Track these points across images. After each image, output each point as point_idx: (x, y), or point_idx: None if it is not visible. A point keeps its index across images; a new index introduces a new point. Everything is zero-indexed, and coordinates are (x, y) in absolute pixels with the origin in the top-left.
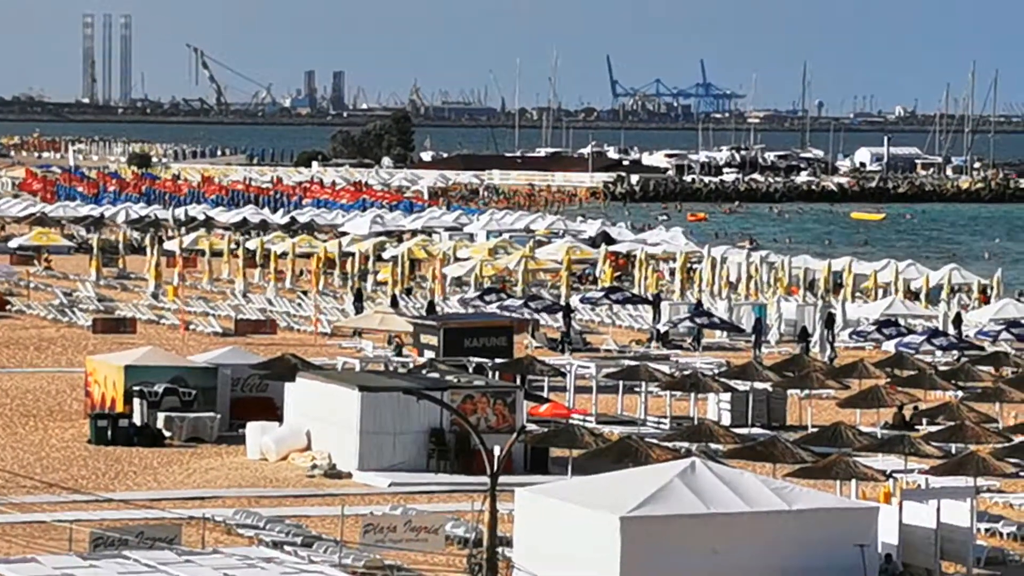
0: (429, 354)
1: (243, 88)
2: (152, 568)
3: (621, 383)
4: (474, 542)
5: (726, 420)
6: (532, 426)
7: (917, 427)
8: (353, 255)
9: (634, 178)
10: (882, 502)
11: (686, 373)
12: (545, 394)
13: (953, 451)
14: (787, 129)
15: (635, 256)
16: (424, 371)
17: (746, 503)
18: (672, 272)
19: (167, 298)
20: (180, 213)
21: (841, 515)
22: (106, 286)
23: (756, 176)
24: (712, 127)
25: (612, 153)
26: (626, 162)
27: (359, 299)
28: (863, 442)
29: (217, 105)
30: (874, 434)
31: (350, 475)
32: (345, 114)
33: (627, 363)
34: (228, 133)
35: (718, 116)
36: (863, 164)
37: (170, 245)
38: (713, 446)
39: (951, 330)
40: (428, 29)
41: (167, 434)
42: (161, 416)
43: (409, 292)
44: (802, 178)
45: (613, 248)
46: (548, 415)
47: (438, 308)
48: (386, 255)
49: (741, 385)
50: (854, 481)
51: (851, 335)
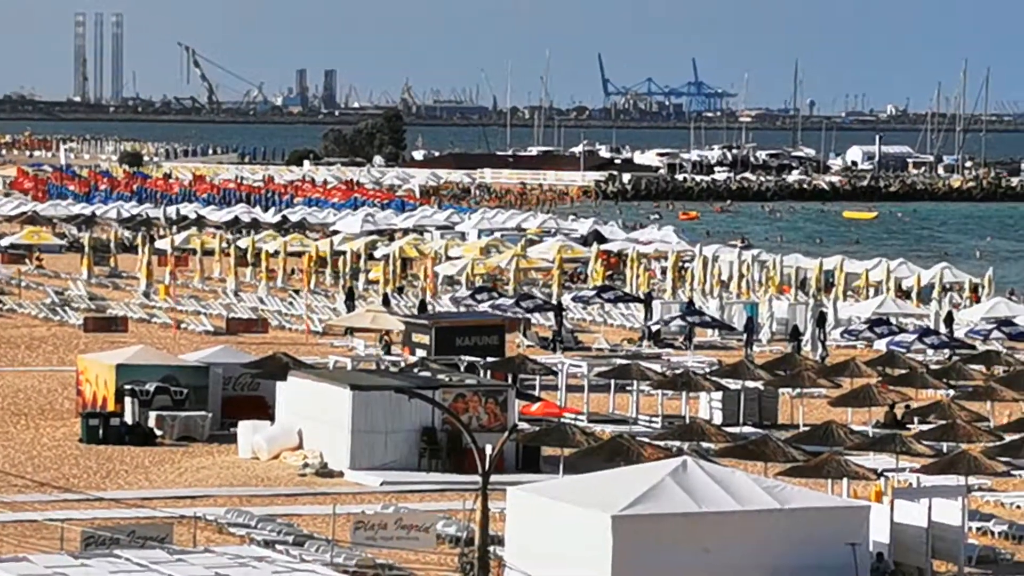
0: (421, 353)
1: (234, 87)
2: (143, 567)
3: (613, 382)
4: (466, 541)
5: (718, 419)
6: (524, 425)
7: (908, 426)
8: (344, 254)
9: (626, 177)
10: (873, 501)
11: (678, 372)
12: (537, 393)
13: (944, 450)
14: (779, 128)
15: (627, 255)
16: (416, 370)
17: (738, 502)
18: (664, 271)
19: (158, 297)
20: (171, 212)
21: (832, 514)
22: (97, 285)
23: (748, 175)
24: (704, 126)
25: (604, 152)
26: (618, 161)
27: (351, 298)
28: (854, 441)
29: (209, 104)
30: (865, 433)
31: (342, 474)
32: (337, 113)
33: (619, 362)
34: (219, 132)
35: (710, 115)
36: (855, 163)
37: (161, 244)
38: (705, 445)
39: (942, 329)
40: (420, 28)
41: (159, 433)
42: (153, 415)
43: (401, 291)
44: (794, 177)
45: (605, 247)
46: (540, 414)
47: (429, 307)
48: (377, 254)
49: (733, 384)
50: (845, 480)
51: (842, 334)
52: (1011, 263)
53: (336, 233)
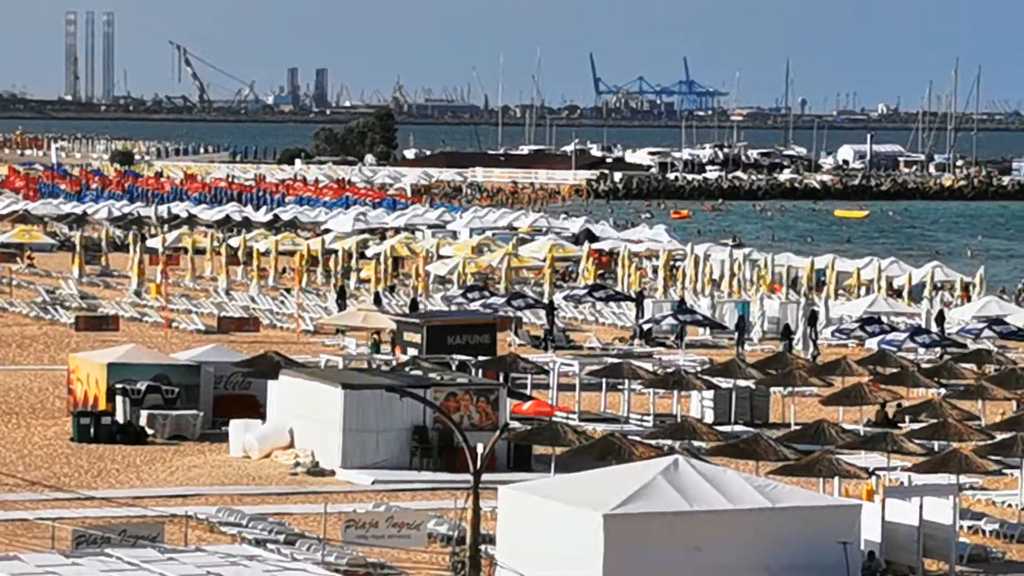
0: (412, 351)
1: (226, 85)
2: (135, 566)
3: (604, 381)
4: (457, 540)
5: (709, 417)
6: (515, 424)
7: (900, 424)
8: (336, 252)
9: (617, 176)
10: (865, 499)
11: (669, 371)
12: (528, 392)
13: (936, 448)
14: (770, 127)
15: (618, 254)
16: (407, 368)
17: (729, 501)
18: (655, 270)
19: (150, 296)
20: (163, 210)
21: (824, 512)
22: (89, 283)
23: (739, 174)
24: (695, 125)
25: (595, 151)
26: (609, 160)
27: (342, 297)
28: (846, 439)
29: (200, 102)
30: (857, 431)
31: (333, 473)
32: (328, 111)
33: (610, 361)
34: (211, 130)
35: (701, 114)
36: (846, 162)
37: (153, 243)
38: (696, 443)
39: (934, 327)
40: (411, 27)
41: (150, 432)
42: (144, 414)
43: (392, 290)
44: (785, 176)
45: (596, 246)
46: (531, 413)
47: (421, 305)
48: (369, 252)
49: (724, 383)
50: (837, 478)
51: (834, 333)
52: (1002, 262)
53: (327, 232)
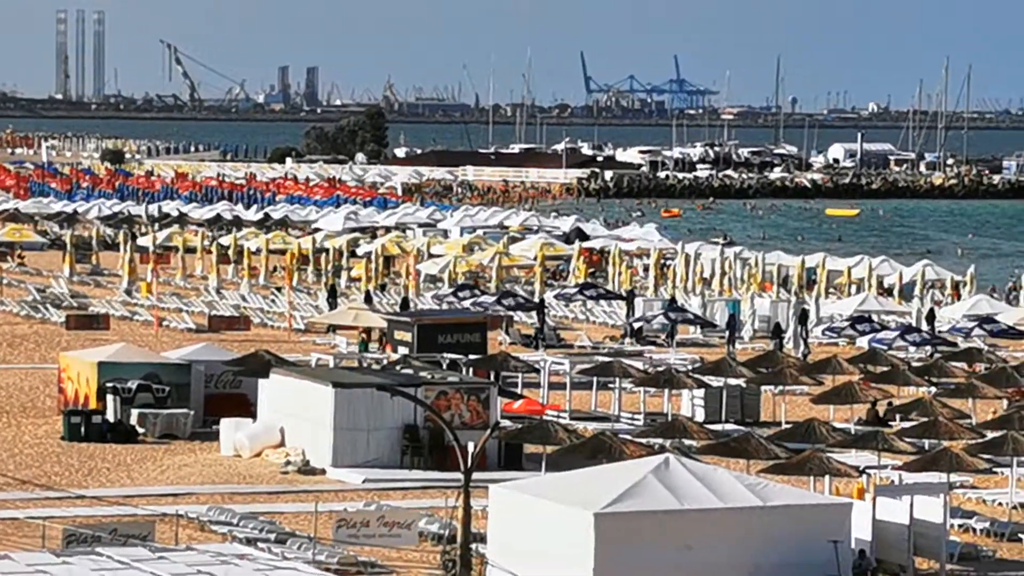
0: (403, 350)
1: (216, 84)
2: (125, 565)
3: (595, 379)
4: (448, 538)
5: (700, 416)
6: (506, 422)
7: (890, 423)
8: (327, 251)
9: (608, 174)
10: (855, 498)
11: (660, 369)
12: (519, 390)
13: (926, 447)
14: (761, 125)
15: (609, 252)
16: (398, 367)
17: (720, 499)
18: (646, 268)
19: (140, 294)
20: (153, 209)
21: (815, 511)
22: (79, 282)
23: (730, 172)
24: (686, 123)
25: (586, 149)
26: (600, 158)
27: (333, 295)
28: (836, 438)
29: (190, 101)
30: (847, 430)
31: (324, 471)
32: (319, 110)
33: (601, 359)
34: (201, 129)
35: (692, 112)
36: (836, 160)
37: (143, 241)
38: (687, 442)
39: (924, 326)
40: (402, 25)
41: (140, 430)
42: (135, 412)
43: (383, 288)
44: (776, 174)
45: (587, 244)
46: (522, 411)
47: (412, 304)
48: (360, 251)
49: (715, 381)
50: (827, 477)
51: (824, 331)
52: (992, 260)
53: (318, 231)
